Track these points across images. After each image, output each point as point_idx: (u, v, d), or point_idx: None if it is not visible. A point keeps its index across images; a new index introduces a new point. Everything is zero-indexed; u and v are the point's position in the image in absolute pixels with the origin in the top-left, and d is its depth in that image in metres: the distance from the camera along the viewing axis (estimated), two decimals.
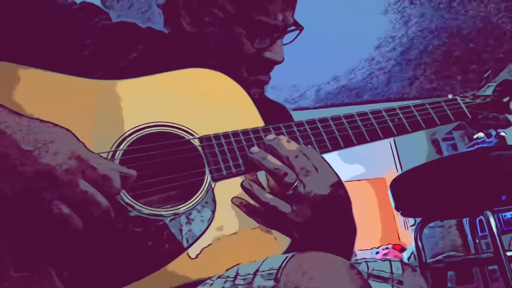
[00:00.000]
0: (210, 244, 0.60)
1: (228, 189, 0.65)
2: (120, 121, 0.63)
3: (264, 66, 0.79)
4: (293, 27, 0.79)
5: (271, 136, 0.66)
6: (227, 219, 0.63)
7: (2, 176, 0.47)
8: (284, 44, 0.80)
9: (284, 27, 0.78)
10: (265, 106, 0.75)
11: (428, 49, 3.44)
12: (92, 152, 0.53)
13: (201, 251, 0.59)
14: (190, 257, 0.58)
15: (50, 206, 0.49)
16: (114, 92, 0.66)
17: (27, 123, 0.50)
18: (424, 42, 3.35)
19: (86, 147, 0.53)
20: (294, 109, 4.13)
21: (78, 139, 0.52)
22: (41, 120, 0.51)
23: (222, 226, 0.62)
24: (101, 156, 0.54)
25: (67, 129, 0.52)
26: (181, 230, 0.60)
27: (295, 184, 0.62)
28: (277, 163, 0.63)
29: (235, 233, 0.63)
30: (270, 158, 0.64)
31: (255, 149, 0.66)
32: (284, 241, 0.64)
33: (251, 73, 0.79)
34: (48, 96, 0.61)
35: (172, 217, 0.60)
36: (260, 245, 0.63)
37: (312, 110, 4.14)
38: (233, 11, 0.74)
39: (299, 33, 0.81)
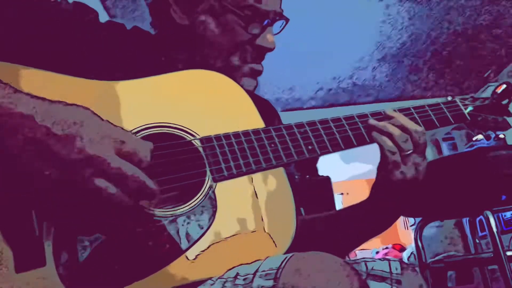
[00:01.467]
0: (210, 245, 0.60)
1: (230, 189, 0.65)
2: (121, 122, 0.63)
3: (256, 53, 0.81)
4: (278, 18, 0.81)
5: (391, 111, 0.77)
6: (228, 219, 0.63)
7: (43, 162, 0.49)
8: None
9: (274, 15, 0.80)
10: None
11: (429, 49, 3.44)
12: (119, 127, 0.54)
13: (201, 252, 0.60)
14: (188, 258, 0.59)
15: (90, 184, 0.50)
16: (115, 93, 0.66)
17: (53, 107, 0.51)
18: (425, 42, 3.35)
19: (111, 123, 0.54)
20: (295, 109, 4.13)
21: (100, 117, 0.54)
22: (63, 103, 0.52)
23: (223, 227, 0.62)
24: (127, 131, 0.55)
25: (88, 108, 0.53)
26: (180, 231, 0.60)
27: (410, 151, 0.73)
28: (399, 131, 0.73)
29: (236, 233, 0.63)
30: (391, 127, 0.74)
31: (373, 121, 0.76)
32: (283, 244, 0.65)
33: (244, 61, 0.80)
34: (47, 97, 0.61)
35: (172, 217, 0.60)
36: (259, 247, 0.64)
37: (312, 110, 4.14)
38: None
39: (286, 24, 0.83)
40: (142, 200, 0.57)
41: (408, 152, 0.73)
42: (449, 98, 0.85)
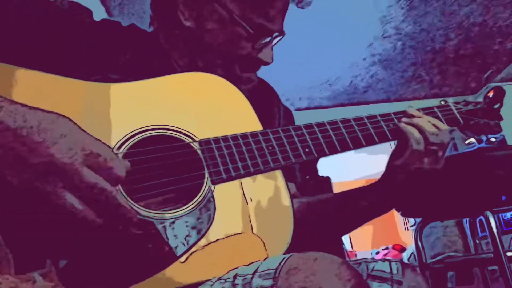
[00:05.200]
0: (207, 247, 0.61)
1: (228, 192, 0.66)
2: (120, 124, 0.64)
3: (254, 65, 0.82)
4: (277, 34, 0.82)
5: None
6: (227, 222, 0.64)
7: (8, 169, 0.47)
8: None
9: (278, 32, 0.81)
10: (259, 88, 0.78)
11: (429, 49, 3.44)
12: (95, 138, 0.53)
13: (193, 252, 0.60)
14: (180, 261, 0.59)
15: (54, 195, 0.48)
16: (114, 95, 0.66)
17: (32, 113, 0.49)
18: (425, 42, 3.34)
19: (88, 134, 0.52)
20: (295, 110, 4.13)
21: (79, 127, 0.52)
22: (43, 110, 0.50)
23: (222, 229, 0.63)
24: (103, 143, 0.53)
25: (68, 118, 0.52)
26: (179, 234, 0.60)
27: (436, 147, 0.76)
28: (432, 127, 0.77)
29: (233, 234, 0.63)
30: (425, 121, 0.77)
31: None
32: (281, 244, 0.65)
33: (243, 71, 0.81)
34: (45, 99, 0.60)
35: (171, 220, 0.60)
36: (257, 249, 0.64)
37: (312, 110, 4.14)
38: (235, 11, 0.75)
39: (281, 38, 0.83)
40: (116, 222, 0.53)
41: (435, 147, 0.76)
42: (443, 102, 0.86)
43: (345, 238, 6.02)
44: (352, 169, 5.90)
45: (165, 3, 0.80)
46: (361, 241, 6.17)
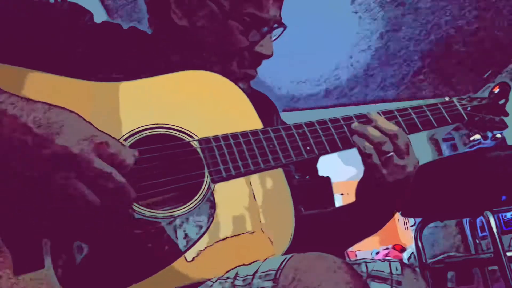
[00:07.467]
0: (208, 246, 0.61)
1: (228, 190, 0.65)
2: (120, 123, 0.64)
3: (253, 60, 0.81)
4: (276, 25, 0.81)
5: (374, 115, 0.75)
6: (227, 220, 0.63)
7: (20, 161, 0.48)
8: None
9: (274, 22, 0.80)
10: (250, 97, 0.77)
11: (428, 49, 3.44)
12: (101, 131, 0.54)
13: (199, 252, 0.60)
14: (186, 260, 0.59)
15: (67, 186, 0.50)
16: (114, 94, 0.66)
17: (39, 107, 0.51)
18: (424, 42, 3.35)
19: (94, 126, 0.54)
20: (294, 110, 4.13)
21: (85, 120, 0.54)
22: (49, 104, 0.52)
23: (221, 228, 0.63)
24: (110, 135, 0.55)
25: (74, 112, 0.53)
26: (179, 232, 0.60)
27: (390, 153, 0.71)
28: (378, 133, 0.72)
29: (234, 234, 0.63)
30: (371, 129, 0.72)
31: (356, 124, 0.75)
32: (282, 245, 0.65)
33: (241, 67, 0.80)
34: (46, 98, 0.60)
35: (171, 219, 0.60)
36: (258, 248, 0.64)
37: (311, 110, 4.15)
38: (226, 4, 0.75)
39: (283, 30, 0.82)
40: (118, 205, 0.55)
41: (389, 155, 0.71)
42: (447, 99, 0.85)
43: None
44: (352, 169, 5.91)
45: (159, 5, 0.80)
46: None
